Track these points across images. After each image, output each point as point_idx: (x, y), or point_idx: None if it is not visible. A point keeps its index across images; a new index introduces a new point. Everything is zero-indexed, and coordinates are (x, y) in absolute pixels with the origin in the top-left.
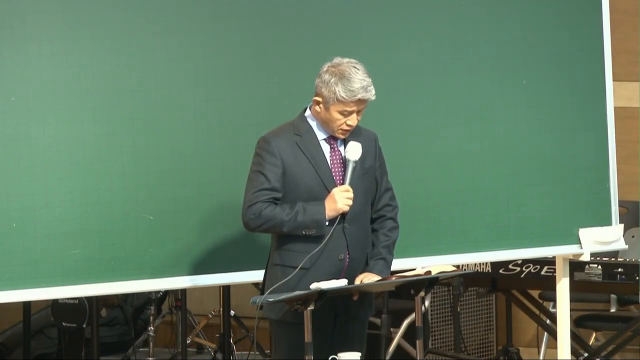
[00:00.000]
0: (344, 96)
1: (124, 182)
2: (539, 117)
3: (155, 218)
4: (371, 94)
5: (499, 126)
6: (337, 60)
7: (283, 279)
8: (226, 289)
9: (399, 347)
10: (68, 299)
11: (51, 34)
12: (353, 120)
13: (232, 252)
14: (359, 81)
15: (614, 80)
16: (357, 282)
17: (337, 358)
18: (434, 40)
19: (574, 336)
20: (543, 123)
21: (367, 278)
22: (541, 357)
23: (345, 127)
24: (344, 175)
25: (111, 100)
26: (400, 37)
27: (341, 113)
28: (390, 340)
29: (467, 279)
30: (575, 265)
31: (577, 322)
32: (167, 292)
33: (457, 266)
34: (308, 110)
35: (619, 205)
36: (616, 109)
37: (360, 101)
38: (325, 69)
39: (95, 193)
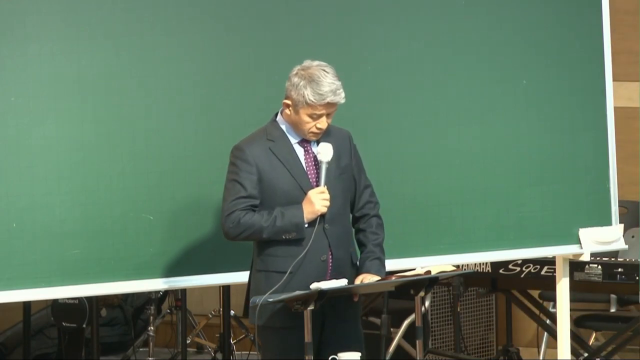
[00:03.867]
0: (313, 100)
1: (124, 182)
2: (539, 117)
3: (155, 218)
4: (340, 97)
5: (499, 126)
6: (306, 63)
7: (267, 284)
8: (226, 289)
9: (399, 347)
10: (68, 299)
11: (51, 34)
12: (323, 123)
13: (232, 252)
14: (328, 85)
15: (614, 80)
16: (357, 282)
17: (337, 358)
18: (434, 40)
19: (574, 336)
20: (543, 123)
21: (367, 278)
22: (541, 357)
23: (315, 130)
24: (317, 177)
25: (111, 100)
26: (400, 37)
27: (310, 116)
28: (390, 340)
29: (467, 279)
30: (575, 265)
31: (577, 322)
32: (167, 292)
33: (457, 266)
34: (279, 115)
35: (619, 205)
36: (616, 109)
37: (329, 104)
38: (294, 72)
39: (95, 193)
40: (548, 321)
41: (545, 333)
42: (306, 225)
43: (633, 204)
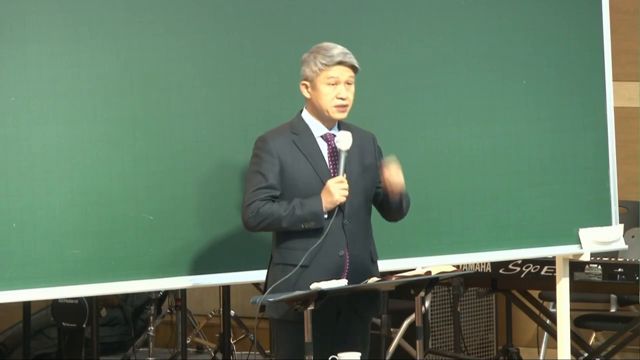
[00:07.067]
0: (324, 62)
1: (124, 182)
2: (539, 117)
3: (155, 218)
4: (352, 59)
5: (499, 126)
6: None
7: (283, 277)
8: (226, 289)
9: (399, 347)
10: (68, 299)
11: (51, 34)
12: (342, 91)
13: (232, 252)
14: (338, 48)
15: (614, 80)
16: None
17: (337, 358)
18: (434, 40)
19: (574, 336)
20: (543, 123)
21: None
22: (541, 357)
23: (337, 101)
24: (336, 166)
25: (111, 100)
26: (400, 37)
27: (327, 84)
28: (390, 340)
29: (467, 279)
30: (575, 265)
31: (577, 322)
32: (167, 292)
33: (457, 266)
34: (305, 110)
35: (619, 205)
36: (616, 109)
37: (342, 64)
38: (304, 55)
39: (95, 193)
40: (548, 321)
41: (545, 333)
42: (325, 216)
43: (633, 204)
